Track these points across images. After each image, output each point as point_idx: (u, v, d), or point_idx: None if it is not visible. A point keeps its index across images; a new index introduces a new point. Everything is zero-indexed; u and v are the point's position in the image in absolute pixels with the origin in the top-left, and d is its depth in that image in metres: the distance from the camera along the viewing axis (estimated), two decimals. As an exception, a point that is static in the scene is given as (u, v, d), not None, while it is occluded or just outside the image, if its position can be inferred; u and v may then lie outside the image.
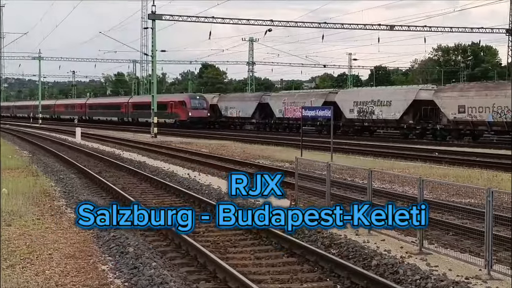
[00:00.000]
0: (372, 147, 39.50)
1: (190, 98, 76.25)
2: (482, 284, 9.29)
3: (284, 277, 10.27)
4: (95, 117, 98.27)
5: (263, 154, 34.32)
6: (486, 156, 32.08)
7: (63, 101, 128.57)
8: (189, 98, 75.88)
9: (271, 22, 66.53)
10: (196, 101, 74.94)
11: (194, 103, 74.15)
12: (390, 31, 68.98)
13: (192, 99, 75.61)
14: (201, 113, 74.28)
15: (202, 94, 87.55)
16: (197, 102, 74.61)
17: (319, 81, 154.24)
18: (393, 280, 9.61)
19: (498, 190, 12.71)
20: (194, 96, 79.81)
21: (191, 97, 77.56)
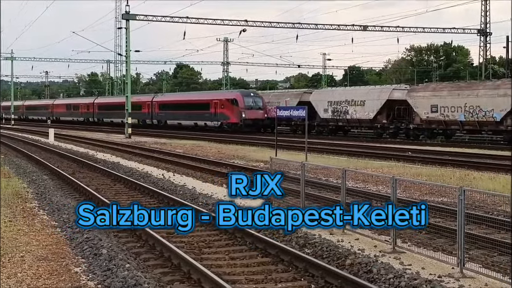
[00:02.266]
0: (346, 146, 39.65)
1: (243, 95, 62.09)
2: (454, 282, 9.36)
3: (258, 277, 10.26)
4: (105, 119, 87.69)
5: (238, 154, 34.31)
6: (458, 155, 32.35)
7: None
8: (242, 96, 61.76)
9: (246, 22, 66.58)
10: (250, 99, 61.54)
11: (248, 101, 60.78)
12: (363, 31, 69.36)
13: (246, 96, 61.75)
14: (257, 114, 60.73)
15: (255, 90, 74.29)
16: (251, 100, 61.32)
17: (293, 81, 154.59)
18: (367, 279, 9.65)
19: (470, 189, 12.86)
20: (247, 93, 64.82)
21: (245, 94, 63.15)
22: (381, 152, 34.51)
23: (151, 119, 75.23)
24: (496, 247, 11.15)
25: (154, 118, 74.64)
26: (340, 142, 43.39)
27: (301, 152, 31.96)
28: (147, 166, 28.24)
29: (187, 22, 64.05)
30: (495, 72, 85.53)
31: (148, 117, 75.72)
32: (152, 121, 74.94)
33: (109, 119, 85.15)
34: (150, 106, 75.32)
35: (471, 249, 11.12)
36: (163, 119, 72.83)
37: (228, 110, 61.28)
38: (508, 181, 20.95)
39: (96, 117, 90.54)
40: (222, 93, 69.72)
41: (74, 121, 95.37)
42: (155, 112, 74.51)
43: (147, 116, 75.85)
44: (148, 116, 75.64)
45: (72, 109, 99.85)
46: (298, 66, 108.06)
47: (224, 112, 61.55)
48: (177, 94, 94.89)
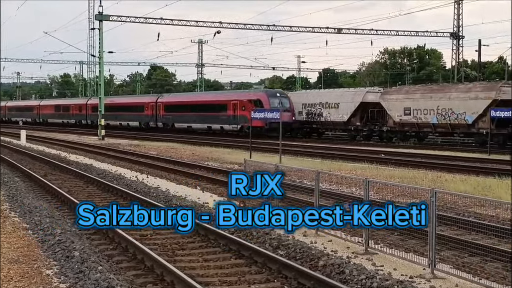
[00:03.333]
0: (320, 148, 39.80)
1: (269, 95, 56.34)
2: (426, 283, 9.45)
3: (232, 278, 10.27)
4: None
5: (212, 156, 34.29)
6: (431, 157, 32.62)
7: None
8: (267, 96, 55.93)
9: (220, 24, 66.53)
10: (276, 99, 55.51)
11: (274, 102, 54.85)
12: (338, 34, 69.67)
13: (272, 97, 55.99)
14: (283, 116, 51.46)
15: (281, 90, 67.14)
16: (278, 101, 55.25)
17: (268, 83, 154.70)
18: (339, 280, 9.70)
19: (441, 190, 12.98)
20: (273, 93, 58.81)
21: (270, 94, 57.34)
22: (354, 154, 34.69)
23: (155, 122, 69.11)
24: (467, 248, 11.28)
25: (159, 121, 68.51)
26: (314, 145, 43.54)
27: (276, 154, 32.04)
28: (121, 168, 28.12)
29: (161, 23, 63.92)
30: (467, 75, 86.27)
31: (151, 120, 69.78)
32: (156, 124, 68.74)
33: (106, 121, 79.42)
34: (154, 108, 69.37)
35: (442, 250, 11.23)
36: (169, 122, 66.67)
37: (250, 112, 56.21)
38: (479, 182, 21.17)
39: (90, 119, 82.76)
40: (243, 93, 62.89)
41: (65, 124, 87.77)
42: (160, 115, 68.39)
43: (150, 119, 70.00)
44: (152, 119, 69.72)
45: (61, 110, 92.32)
46: (273, 68, 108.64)
47: (246, 114, 53.62)
48: (186, 94, 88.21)
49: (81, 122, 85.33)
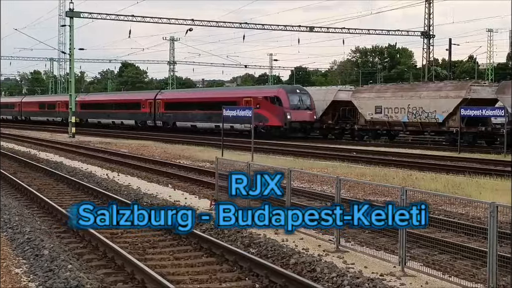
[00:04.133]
0: (292, 146, 39.86)
1: (288, 92, 50.71)
2: (396, 281, 9.50)
3: (203, 277, 10.25)
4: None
5: (184, 154, 34.19)
6: (402, 156, 32.82)
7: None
8: (286, 93, 50.39)
9: (192, 22, 66.33)
10: (296, 96, 50.42)
11: (294, 100, 49.93)
12: (310, 32, 69.86)
13: (291, 93, 50.54)
14: (305, 115, 49.98)
15: (301, 86, 60.37)
16: (298, 98, 50.35)
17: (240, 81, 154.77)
18: (310, 278, 9.72)
19: (412, 189, 13.03)
20: (293, 89, 53.04)
21: (289, 90, 51.70)
22: (326, 152, 34.80)
23: (153, 121, 63.93)
24: (437, 246, 11.37)
25: (158, 119, 63.27)
26: (286, 143, 43.58)
27: (248, 152, 32.02)
28: (91, 166, 27.93)
29: (132, 20, 63.58)
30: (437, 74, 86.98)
31: (149, 118, 64.49)
32: (155, 122, 63.58)
33: (96, 119, 73.93)
34: (152, 105, 64.01)
35: (413, 248, 11.30)
36: (170, 121, 61.24)
37: (267, 110, 50.19)
38: (448, 180, 21.35)
39: (78, 117, 73.72)
40: (258, 90, 57.48)
41: (50, 122, 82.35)
42: (160, 112, 63.05)
43: (148, 117, 64.68)
44: (150, 117, 64.40)
45: (46, 108, 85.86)
46: (245, 66, 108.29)
47: (261, 113, 49.39)
48: (190, 90, 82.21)
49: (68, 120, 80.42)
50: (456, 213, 15.25)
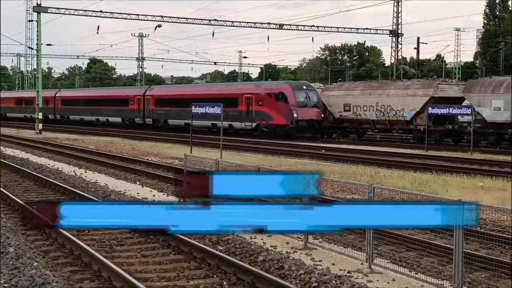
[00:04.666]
0: (262, 144, 39.87)
1: (294, 89, 47.73)
2: (363, 278, 9.55)
3: (170, 274, 10.21)
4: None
5: (153, 151, 34.06)
6: (370, 153, 33.01)
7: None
8: (292, 89, 47.36)
9: (161, 18, 66.06)
10: (303, 93, 47.39)
11: (300, 96, 46.92)
12: (279, 30, 69.94)
13: (297, 90, 47.48)
14: (312, 113, 46.95)
15: (307, 82, 57.49)
16: (305, 95, 47.27)
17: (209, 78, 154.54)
18: (278, 275, 9.73)
19: (379, 186, 13.13)
20: (299, 85, 50.26)
21: (296, 87, 48.72)
22: (295, 150, 34.89)
23: (142, 118, 60.39)
24: (404, 243, 11.45)
25: (148, 117, 59.84)
26: (256, 140, 43.61)
27: (217, 149, 31.97)
28: (58, 163, 27.68)
29: (101, 16, 63.16)
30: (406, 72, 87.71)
31: (138, 116, 60.87)
32: (144, 120, 60.04)
33: (78, 116, 70.08)
34: (141, 102, 60.78)
35: (380, 245, 11.36)
36: (162, 119, 57.83)
37: (270, 108, 47.17)
38: (416, 178, 21.52)
39: (59, 114, 73.77)
40: (261, 86, 53.61)
41: (28, 119, 74.80)
42: (150, 109, 59.58)
43: (136, 115, 61.06)
44: (139, 115, 60.81)
45: (24, 104, 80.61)
46: (214, 63, 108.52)
47: (264, 110, 47.15)
48: (184, 86, 78.95)
49: (47, 117, 72.88)
50: (423, 211, 15.35)
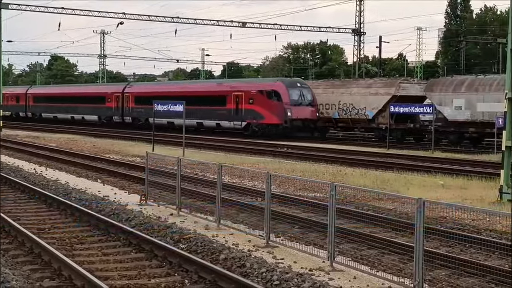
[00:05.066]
0: (224, 142, 39.84)
1: (288, 86, 45.91)
2: (325, 276, 9.57)
3: (132, 273, 10.13)
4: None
5: (114, 148, 33.82)
6: (332, 151, 33.18)
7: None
8: (285, 87, 45.63)
9: (123, 15, 65.62)
10: (297, 91, 45.72)
11: (294, 94, 45.40)
12: (242, 27, 69.91)
13: (291, 88, 45.75)
14: (306, 112, 45.28)
15: (301, 79, 53.98)
16: (299, 93, 45.69)
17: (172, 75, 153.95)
18: (240, 274, 9.72)
19: (341, 184, 13.20)
20: (293, 82, 47.77)
21: (289, 84, 46.65)
22: (258, 148, 34.91)
23: (121, 116, 58.36)
24: (366, 241, 11.51)
25: (127, 115, 57.80)
26: (218, 138, 43.56)
27: (179, 147, 31.85)
28: (18, 160, 27.33)
29: (62, 13, 62.53)
30: (368, 71, 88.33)
31: (116, 114, 59.07)
32: (123, 119, 57.84)
33: (51, 114, 67.87)
34: (120, 99, 58.68)
35: (342, 243, 11.40)
36: (142, 117, 55.27)
37: (262, 106, 45.54)
38: (377, 176, 21.68)
39: (31, 111, 71.50)
40: (250, 83, 52.64)
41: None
42: (129, 107, 57.43)
43: (114, 113, 59.25)
44: (117, 113, 58.99)
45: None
46: (177, 61, 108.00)
47: (255, 109, 45.64)
48: (166, 83, 76.88)
49: (18, 114, 73.06)
50: (385, 209, 15.48)
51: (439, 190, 18.54)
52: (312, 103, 45.72)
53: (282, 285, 9.10)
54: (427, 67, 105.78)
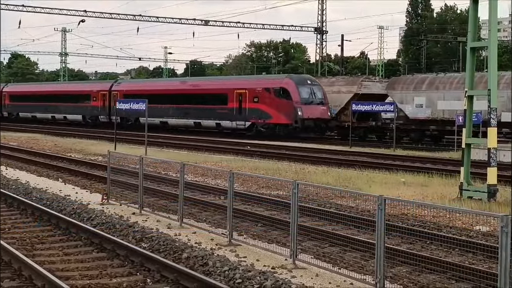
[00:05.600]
0: (187, 140, 39.70)
1: (298, 84, 42.88)
2: (287, 273, 9.59)
3: (93, 272, 10.04)
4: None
5: (76, 147, 33.50)
6: (295, 149, 33.26)
7: None
8: (295, 84, 42.67)
9: (85, 13, 65.12)
10: (307, 89, 42.70)
11: (305, 92, 42.37)
12: (205, 26, 69.84)
13: (301, 85, 42.73)
14: (317, 111, 41.96)
15: (310, 76, 50.32)
16: (309, 91, 42.66)
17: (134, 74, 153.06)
18: (202, 272, 9.69)
19: (303, 182, 13.25)
20: (303, 79, 44.71)
21: (299, 81, 43.61)
22: (221, 146, 34.87)
23: (107, 116, 55.19)
24: (328, 238, 11.56)
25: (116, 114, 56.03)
26: (181, 136, 43.39)
27: (142, 145, 31.68)
28: (-22, 159, 26.92)
29: (23, 10, 61.86)
30: (330, 69, 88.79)
31: (102, 113, 56.33)
32: (109, 118, 53.94)
33: (29, 114, 64.93)
34: (106, 98, 55.81)
35: (304, 241, 11.44)
36: (133, 116, 51.26)
37: (269, 105, 42.67)
38: (340, 174, 21.80)
39: (7, 111, 67.98)
40: (255, 80, 49.13)
41: None
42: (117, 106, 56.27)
43: (100, 112, 56.58)
44: (103, 112, 56.23)
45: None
46: (139, 59, 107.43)
47: (261, 108, 42.70)
48: (160, 80, 73.10)
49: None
50: (347, 206, 15.57)
51: (400, 187, 18.70)
52: (323, 102, 42.89)
53: (245, 283, 9.10)
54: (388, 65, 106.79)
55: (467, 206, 15.36)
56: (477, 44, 18.41)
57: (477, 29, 18.01)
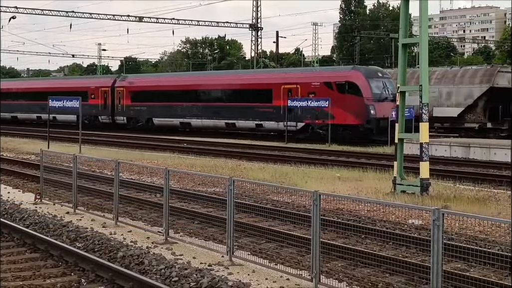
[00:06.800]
0: (122, 138, 39.33)
1: (367, 76, 36.15)
2: (224, 270, 9.58)
3: (26, 273, 9.84)
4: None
5: (7, 146, 32.78)
6: (231, 146, 33.29)
7: None
8: (364, 77, 35.90)
9: (16, 9, 63.71)
10: (378, 83, 36.21)
11: (376, 87, 35.76)
12: (139, 22, 69.19)
13: (371, 78, 36.10)
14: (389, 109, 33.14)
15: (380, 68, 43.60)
16: (381, 85, 36.16)
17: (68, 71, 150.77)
18: (138, 271, 9.60)
19: (240, 179, 13.27)
20: (372, 72, 37.89)
21: (369, 74, 36.72)
22: (157, 144, 34.67)
23: (110, 116, 49.69)
24: (264, 234, 11.60)
25: (121, 114, 48.94)
26: (116, 134, 42.95)
27: (75, 143, 31.22)
28: None
29: (-50, 5, 60.07)
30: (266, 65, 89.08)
31: (103, 113, 50.28)
32: (113, 119, 49.34)
33: (9, 114, 57.64)
34: (109, 95, 49.89)
35: (241, 237, 11.46)
36: (143, 117, 47.00)
37: (339, 103, 35.32)
38: (276, 170, 21.90)
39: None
40: (310, 72, 41.21)
41: None
42: (123, 105, 48.51)
43: (101, 112, 50.40)
44: (104, 112, 50.19)
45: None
46: (73, 56, 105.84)
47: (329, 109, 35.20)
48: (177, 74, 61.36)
49: None
50: (283, 202, 15.65)
51: (336, 182, 18.89)
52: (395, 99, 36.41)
53: (181, 281, 9.06)
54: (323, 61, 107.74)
55: (401, 200, 15.62)
56: (409, 41, 18.72)
57: (408, 26, 18.34)
